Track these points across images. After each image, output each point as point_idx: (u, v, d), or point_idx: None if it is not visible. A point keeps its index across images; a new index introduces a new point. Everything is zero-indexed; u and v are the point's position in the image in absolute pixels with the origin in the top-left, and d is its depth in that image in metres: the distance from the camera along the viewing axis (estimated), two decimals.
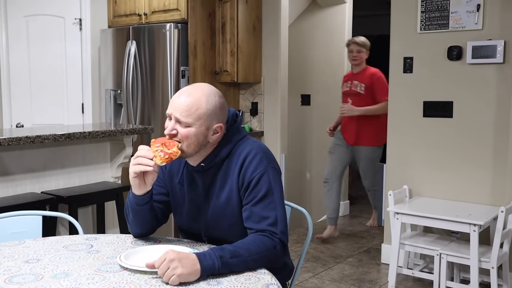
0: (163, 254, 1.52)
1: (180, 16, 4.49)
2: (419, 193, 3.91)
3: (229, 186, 1.79)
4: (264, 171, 1.75)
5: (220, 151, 1.80)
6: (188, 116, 1.71)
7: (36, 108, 4.91)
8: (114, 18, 4.99)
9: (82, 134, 3.18)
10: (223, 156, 1.80)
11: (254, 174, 1.75)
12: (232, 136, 1.83)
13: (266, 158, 1.79)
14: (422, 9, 3.79)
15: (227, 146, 1.81)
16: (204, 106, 1.72)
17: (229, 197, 1.79)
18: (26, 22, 4.85)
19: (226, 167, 1.80)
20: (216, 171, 1.82)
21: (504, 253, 3.37)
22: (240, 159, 1.78)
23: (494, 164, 3.61)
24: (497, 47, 3.49)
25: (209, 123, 1.73)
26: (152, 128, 3.69)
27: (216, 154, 1.80)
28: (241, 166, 1.77)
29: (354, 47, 4.63)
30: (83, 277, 1.54)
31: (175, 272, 1.46)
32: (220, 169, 1.81)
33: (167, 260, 1.49)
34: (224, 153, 1.80)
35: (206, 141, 1.76)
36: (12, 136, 2.86)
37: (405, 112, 3.94)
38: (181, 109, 1.72)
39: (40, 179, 3.25)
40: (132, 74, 4.67)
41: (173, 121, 1.75)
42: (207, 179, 1.83)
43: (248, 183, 1.75)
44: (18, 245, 1.86)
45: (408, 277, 3.78)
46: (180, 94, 1.76)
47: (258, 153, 1.78)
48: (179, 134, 1.73)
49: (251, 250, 1.62)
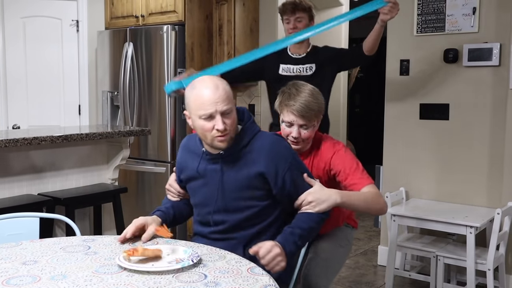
0: (267, 244, 1.78)
1: (177, 18, 4.49)
2: (416, 195, 3.92)
3: (250, 172, 1.92)
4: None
5: (242, 140, 1.94)
6: (229, 103, 1.86)
7: (33, 110, 4.90)
8: (111, 20, 4.99)
9: (79, 135, 3.18)
10: (243, 145, 1.94)
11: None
12: (250, 129, 1.98)
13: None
14: (418, 12, 3.80)
15: (246, 137, 1.95)
16: (228, 88, 1.90)
17: (248, 184, 1.93)
18: (23, 23, 4.85)
19: (246, 157, 1.93)
20: (235, 159, 1.94)
21: (500, 255, 3.38)
22: (265, 149, 1.94)
23: (490, 166, 3.62)
24: (493, 50, 3.51)
25: (234, 102, 1.93)
26: (149, 130, 3.69)
27: (237, 142, 1.94)
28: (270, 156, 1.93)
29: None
30: (81, 278, 1.54)
31: (280, 265, 1.79)
32: (240, 158, 1.94)
33: (274, 253, 1.77)
34: (244, 142, 1.94)
35: (235, 123, 1.93)
36: (9, 138, 2.85)
37: (401, 114, 3.95)
38: (223, 100, 1.84)
39: (37, 180, 3.25)
40: (129, 76, 4.67)
41: (218, 116, 1.84)
42: (226, 166, 1.95)
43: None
44: (15, 247, 1.86)
45: (405, 279, 3.79)
46: (210, 89, 1.85)
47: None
48: (228, 125, 1.87)
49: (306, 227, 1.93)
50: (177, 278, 1.54)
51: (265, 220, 1.98)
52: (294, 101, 2.16)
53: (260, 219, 1.97)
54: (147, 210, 4.64)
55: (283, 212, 2.03)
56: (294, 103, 2.16)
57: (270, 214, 1.99)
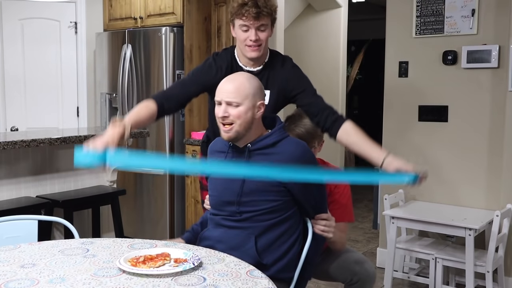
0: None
1: (175, 20, 4.49)
2: (415, 197, 3.92)
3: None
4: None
5: (268, 136, 2.03)
6: (237, 97, 1.95)
7: (31, 112, 4.90)
8: (109, 22, 4.98)
9: (77, 138, 3.17)
10: (269, 143, 2.02)
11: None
12: (278, 132, 2.06)
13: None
14: (417, 14, 3.81)
15: (274, 136, 2.03)
16: (248, 86, 1.98)
17: (270, 182, 1.97)
18: (21, 25, 4.84)
19: (272, 157, 1.99)
20: (260, 156, 2.01)
21: (499, 257, 3.38)
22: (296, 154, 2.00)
23: (489, 168, 3.62)
24: (492, 51, 3.51)
25: (254, 101, 1.98)
26: (148, 132, 3.69)
27: (263, 138, 2.03)
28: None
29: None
30: (79, 281, 1.53)
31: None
32: (266, 156, 2.00)
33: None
34: (271, 140, 2.02)
35: (253, 118, 1.99)
36: (7, 140, 2.85)
37: (400, 116, 3.95)
38: (229, 92, 1.96)
39: (35, 183, 3.24)
40: (128, 77, 4.66)
41: (223, 105, 1.97)
42: (251, 161, 2.01)
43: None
44: (14, 250, 1.85)
45: (404, 281, 3.78)
46: (224, 81, 2.02)
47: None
48: (231, 116, 1.96)
49: None
50: (176, 281, 1.53)
51: (282, 215, 2.02)
52: None
53: (277, 213, 2.01)
54: (146, 212, 4.63)
55: (300, 208, 2.08)
56: None
57: (288, 209, 2.03)
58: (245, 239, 1.98)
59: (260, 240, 1.99)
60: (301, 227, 2.10)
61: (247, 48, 2.34)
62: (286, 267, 2.02)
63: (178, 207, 4.55)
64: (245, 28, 2.32)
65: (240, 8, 2.30)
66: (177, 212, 4.54)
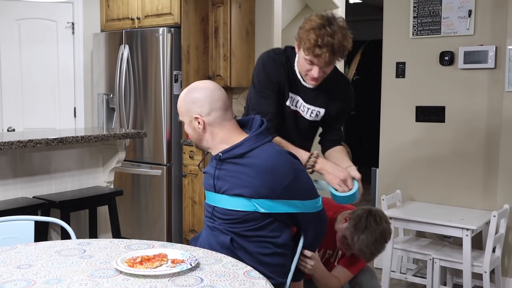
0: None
1: (173, 21, 4.48)
2: (412, 197, 3.92)
3: (244, 185, 1.86)
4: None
5: (238, 146, 1.90)
6: (181, 115, 1.97)
7: (28, 112, 4.88)
8: (106, 22, 4.97)
9: (74, 138, 3.16)
10: (239, 153, 1.89)
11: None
12: (253, 139, 1.91)
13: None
14: (414, 15, 3.81)
15: (244, 146, 1.89)
16: (182, 104, 1.95)
17: (239, 196, 1.87)
18: (18, 25, 4.83)
19: (244, 166, 1.87)
20: (231, 166, 1.90)
21: (496, 257, 3.39)
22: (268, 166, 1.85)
23: (486, 169, 3.62)
24: (489, 52, 3.52)
25: (189, 116, 1.93)
26: (145, 132, 3.68)
27: (233, 147, 1.90)
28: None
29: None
30: (76, 282, 1.52)
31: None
32: (236, 165, 1.89)
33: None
34: (240, 150, 1.89)
35: (196, 132, 1.94)
36: (4, 140, 2.84)
37: (397, 116, 3.96)
38: (181, 114, 1.96)
39: (32, 183, 3.23)
40: (125, 78, 4.66)
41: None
42: (222, 169, 1.93)
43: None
44: (10, 251, 1.84)
45: (401, 282, 3.79)
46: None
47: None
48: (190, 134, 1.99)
49: None
50: (173, 282, 1.53)
51: (258, 223, 1.90)
52: None
53: (252, 222, 1.90)
54: (143, 213, 4.62)
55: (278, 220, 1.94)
56: None
57: (264, 218, 1.90)
58: (223, 240, 1.90)
59: (235, 243, 1.91)
60: (288, 232, 1.97)
61: (307, 77, 2.18)
62: (273, 273, 1.93)
63: (176, 208, 4.54)
64: (310, 63, 2.11)
65: (313, 48, 2.04)
66: (174, 212, 4.54)
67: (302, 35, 2.07)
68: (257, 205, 1.86)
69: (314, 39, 2.02)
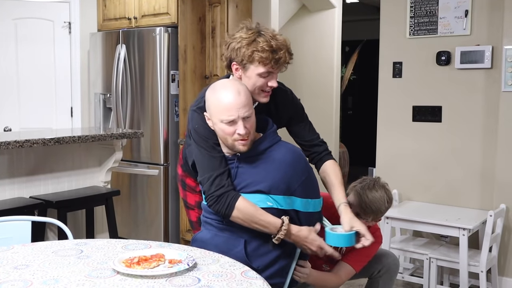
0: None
1: (170, 20, 4.48)
2: (409, 197, 3.93)
3: (263, 180, 1.92)
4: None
5: (262, 142, 1.96)
6: (250, 108, 1.89)
7: (25, 112, 4.87)
8: (103, 22, 4.97)
9: (71, 138, 3.16)
10: (263, 148, 1.96)
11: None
12: (272, 136, 2.00)
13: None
14: (411, 15, 3.82)
15: (266, 142, 1.97)
16: (249, 94, 1.92)
17: (258, 193, 1.92)
18: (14, 25, 4.82)
19: (265, 160, 1.94)
20: (249, 163, 1.95)
21: (493, 257, 3.40)
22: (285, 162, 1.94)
23: (482, 169, 3.63)
24: (485, 52, 3.52)
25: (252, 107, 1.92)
26: (142, 132, 3.68)
27: (258, 144, 1.96)
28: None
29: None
30: (73, 283, 1.52)
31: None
32: (255, 162, 1.94)
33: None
34: (264, 145, 1.96)
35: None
36: (0, 140, 2.83)
37: (394, 116, 3.96)
38: (244, 106, 1.86)
39: (29, 183, 3.22)
40: (122, 78, 4.65)
41: (240, 122, 1.87)
42: (240, 167, 1.96)
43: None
44: (7, 251, 1.84)
45: (398, 281, 3.79)
46: (231, 95, 1.87)
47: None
48: (249, 129, 1.90)
49: None
50: (170, 282, 1.53)
51: None
52: None
53: None
54: (140, 213, 4.62)
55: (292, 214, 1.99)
56: None
57: (278, 215, 1.94)
58: (235, 242, 1.95)
59: (250, 244, 1.95)
60: None
61: (263, 94, 2.05)
62: (277, 273, 1.98)
63: (172, 208, 4.54)
64: (265, 75, 2.01)
65: (270, 54, 1.95)
66: (171, 212, 4.53)
67: (246, 52, 1.95)
68: (275, 201, 1.91)
69: (267, 45, 1.95)
